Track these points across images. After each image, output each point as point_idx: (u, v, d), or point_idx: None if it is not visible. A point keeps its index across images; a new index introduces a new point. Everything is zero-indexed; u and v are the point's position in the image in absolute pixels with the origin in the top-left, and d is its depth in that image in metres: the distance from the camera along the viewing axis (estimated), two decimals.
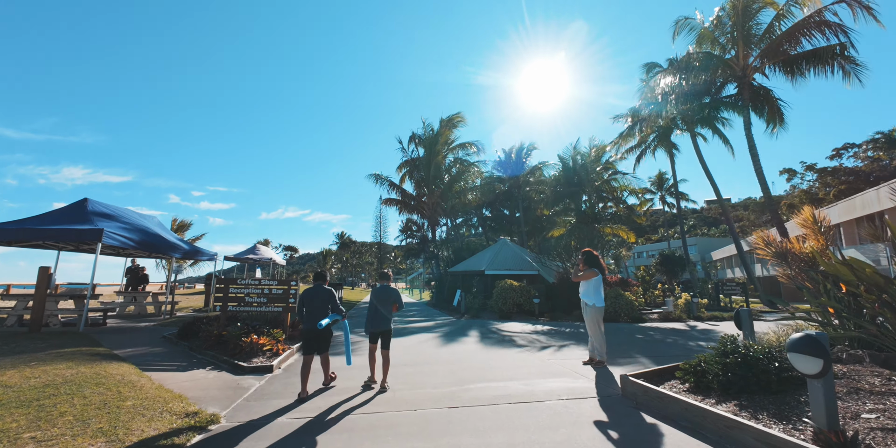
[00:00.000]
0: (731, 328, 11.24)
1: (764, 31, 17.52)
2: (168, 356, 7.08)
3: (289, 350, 7.32)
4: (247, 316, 8.92)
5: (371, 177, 30.06)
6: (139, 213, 13.70)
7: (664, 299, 17.45)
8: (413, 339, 9.69)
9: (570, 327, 11.76)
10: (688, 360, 4.80)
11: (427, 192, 29.65)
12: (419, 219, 32.35)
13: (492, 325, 12.57)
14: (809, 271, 7.08)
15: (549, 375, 5.70)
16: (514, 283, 16.26)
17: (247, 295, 8.56)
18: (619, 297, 14.14)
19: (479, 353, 7.52)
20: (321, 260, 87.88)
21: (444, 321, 14.03)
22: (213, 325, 8.09)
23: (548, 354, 7.38)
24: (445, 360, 6.88)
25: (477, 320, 14.07)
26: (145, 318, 12.73)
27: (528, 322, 13.39)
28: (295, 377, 5.74)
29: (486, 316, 15.32)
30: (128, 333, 9.51)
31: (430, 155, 29.33)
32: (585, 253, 6.68)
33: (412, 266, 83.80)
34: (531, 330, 11.13)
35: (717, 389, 4.19)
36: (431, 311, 19.19)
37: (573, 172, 23.10)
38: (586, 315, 6.34)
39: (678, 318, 13.75)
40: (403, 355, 7.39)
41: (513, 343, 8.71)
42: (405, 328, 12.00)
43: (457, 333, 10.52)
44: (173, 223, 26.29)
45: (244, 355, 6.71)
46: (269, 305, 8.58)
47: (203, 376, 5.69)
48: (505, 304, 15.87)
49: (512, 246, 22.35)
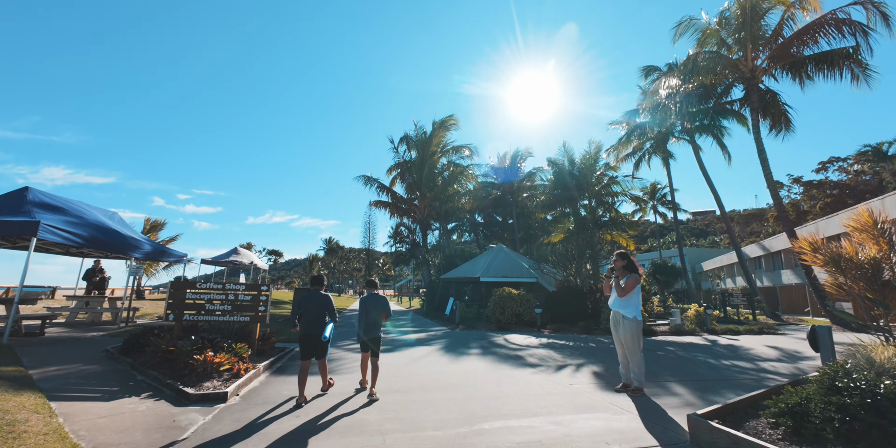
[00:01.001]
0: (754, 343, 10.20)
1: (773, 32, 16.93)
2: (99, 378, 5.68)
3: (253, 370, 5.97)
4: (208, 326, 7.53)
5: (360, 178, 28.79)
6: (97, 207, 12.20)
7: (669, 310, 16.41)
8: (406, 354, 8.39)
9: (578, 341, 10.58)
10: (755, 390, 3.67)
11: (419, 195, 28.48)
12: (410, 223, 31.10)
13: (491, 337, 11.32)
14: (870, 280, 6.00)
15: (582, 408, 4.48)
16: (512, 292, 15.08)
17: (208, 301, 7.19)
18: None
19: (487, 375, 6.27)
20: (307, 265, 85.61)
21: (438, 332, 12.74)
22: (164, 339, 6.69)
23: (567, 376, 6.17)
24: (446, 385, 5.62)
25: (474, 331, 12.81)
26: (98, 327, 11.17)
27: (530, 334, 12.18)
28: (256, 408, 4.47)
29: (483, 326, 14.07)
30: (65, 346, 8.02)
31: (423, 157, 28.23)
32: (622, 255, 5.54)
33: (401, 273, 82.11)
34: (537, 343, 9.91)
35: (832, 440, 3.04)
36: (423, 320, 17.86)
37: (569, 176, 22.18)
38: (623, 330, 5.17)
39: (691, 331, 12.68)
40: (394, 377, 6.10)
41: (522, 361, 7.48)
42: (396, 340, 10.68)
43: (455, 347, 9.25)
44: (146, 223, 24.45)
45: (194, 377, 5.35)
46: (234, 314, 7.22)
47: (131, 409, 4.34)
48: (503, 313, 14.64)
49: (508, 252, 21.22)
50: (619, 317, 5.25)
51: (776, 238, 33.10)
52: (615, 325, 5.33)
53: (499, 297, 15.00)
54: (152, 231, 25.63)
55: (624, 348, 5.26)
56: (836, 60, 15.83)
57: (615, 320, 5.33)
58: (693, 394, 5.13)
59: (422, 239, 29.91)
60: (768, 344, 9.96)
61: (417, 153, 29.14)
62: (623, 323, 5.17)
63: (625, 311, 5.20)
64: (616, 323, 5.30)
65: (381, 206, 29.96)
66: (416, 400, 4.83)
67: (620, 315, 5.22)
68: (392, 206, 29.60)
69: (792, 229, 16.02)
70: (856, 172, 54.43)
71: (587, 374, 6.36)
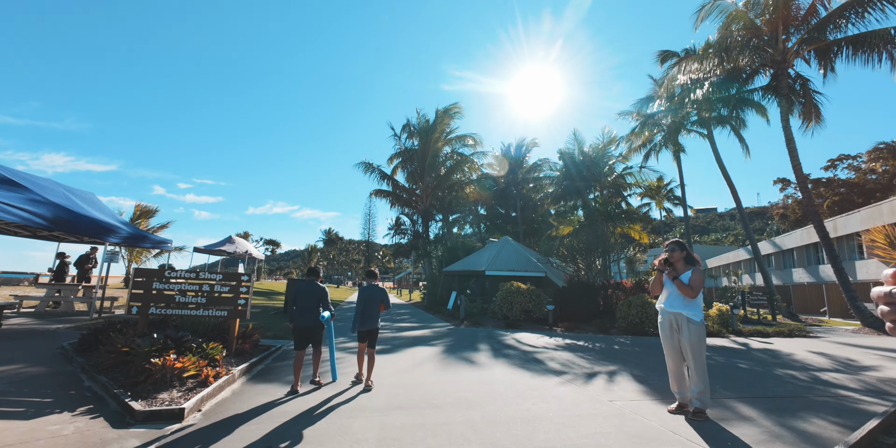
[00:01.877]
0: (792, 348, 9.22)
1: (806, 11, 15.68)
2: (37, 383, 4.67)
3: (226, 376, 4.96)
4: (181, 322, 6.52)
5: (360, 165, 27.61)
6: (73, 188, 11.16)
7: None
8: (407, 355, 7.40)
9: (597, 341, 9.59)
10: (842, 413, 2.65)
11: (421, 185, 27.38)
12: (411, 212, 30.04)
13: (500, 335, 10.33)
14: None
15: (639, 440, 3.47)
16: (521, 286, 14.08)
17: (179, 293, 6.17)
18: (648, 304, 12.06)
19: (508, 386, 5.26)
20: (306, 256, 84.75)
21: (442, 329, 11.76)
22: (125, 335, 5.68)
23: (603, 388, 5.16)
24: (460, 399, 4.61)
25: (480, 329, 11.82)
26: (69, 318, 10.19)
27: (541, 333, 11.19)
28: (217, 431, 3.47)
29: (489, 323, 13.09)
30: (19, 340, 7.01)
31: (426, 145, 27.07)
32: (679, 244, 4.49)
33: (400, 265, 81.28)
34: (553, 344, 8.92)
35: None
36: (424, 314, 16.89)
37: (580, 166, 21.05)
38: (688, 336, 4.12)
39: (716, 332, 11.69)
40: (396, 387, 5.10)
41: (543, 366, 6.47)
42: (396, 337, 9.69)
43: (463, 347, 8.25)
44: (136, 209, 23.28)
45: (150, 386, 4.34)
46: (210, 308, 6.20)
47: (53, 432, 3.32)
48: (511, 309, 13.66)
49: (514, 245, 20.19)
50: (680, 320, 4.20)
51: (789, 236, 32.05)
52: (672, 330, 4.30)
53: (506, 292, 14.01)
54: (143, 217, 24.56)
55: (684, 360, 4.23)
56: (875, 43, 14.62)
57: (672, 324, 4.29)
58: (768, 417, 4.12)
59: (423, 230, 28.86)
60: (810, 349, 8.97)
61: (420, 141, 27.99)
62: (688, 328, 4.13)
63: (690, 312, 4.15)
64: (675, 327, 4.26)
65: (382, 196, 28.89)
66: (425, 423, 3.81)
67: (684, 318, 4.18)
68: (393, 196, 28.52)
69: (822, 224, 14.97)
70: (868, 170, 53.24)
71: (625, 385, 5.36)
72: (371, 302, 5.30)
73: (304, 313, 4.98)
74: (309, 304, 5.02)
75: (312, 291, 5.08)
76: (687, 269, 4.32)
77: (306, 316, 4.97)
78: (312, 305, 5.04)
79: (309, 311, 5.00)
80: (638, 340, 10.09)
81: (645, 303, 12.12)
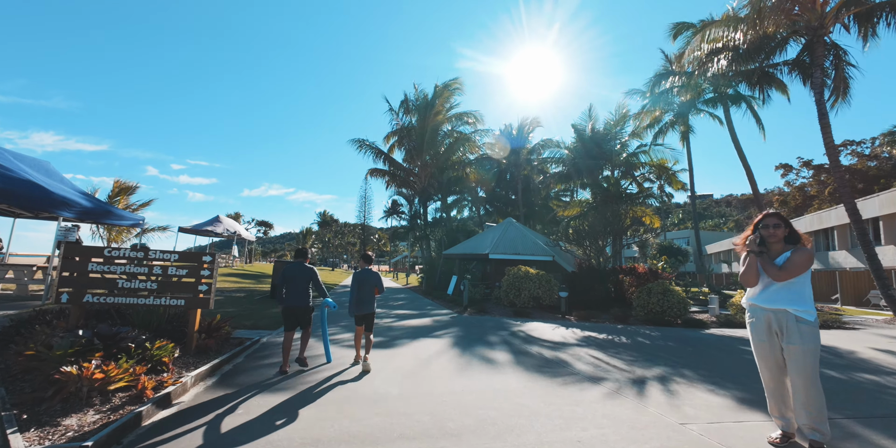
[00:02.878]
0: (841, 342, 8.19)
1: None
2: None
3: (173, 386, 3.76)
4: (132, 313, 5.29)
5: (354, 143, 25.98)
6: (23, 155, 9.76)
7: (708, 296, 14.42)
8: (408, 351, 6.25)
9: (620, 334, 8.52)
10: None
11: (419, 163, 25.92)
12: (409, 193, 28.69)
13: (511, 326, 9.23)
14: None
15: None
16: (530, 271, 12.95)
17: (123, 277, 4.93)
18: (669, 292, 10.99)
19: (540, 400, 4.10)
20: (301, 239, 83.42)
21: (444, 317, 10.65)
22: (52, 330, 4.45)
23: (664, 404, 4.02)
24: (482, 423, 3.44)
25: (486, 317, 10.71)
26: (19, 303, 8.93)
27: (554, 322, 10.11)
28: None
29: (495, 310, 11.99)
30: None
31: (425, 120, 25.46)
32: (779, 216, 3.29)
33: (396, 248, 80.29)
34: (573, 338, 7.81)
35: None
36: (423, 300, 15.81)
37: (593, 143, 19.69)
38: (798, 341, 2.94)
39: (744, 322, 10.66)
40: (397, 401, 3.93)
41: (572, 370, 5.34)
42: (395, 327, 8.55)
43: (471, 343, 7.12)
44: (114, 186, 21.65)
45: (57, 404, 3.14)
46: (163, 296, 4.97)
47: None
48: (518, 296, 12.56)
49: (519, 227, 19.00)
50: (785, 320, 3.02)
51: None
52: (771, 333, 3.13)
53: (514, 277, 12.88)
54: (122, 195, 23.03)
55: (786, 373, 3.09)
56: None
57: (772, 326, 3.12)
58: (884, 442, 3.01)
59: (422, 211, 27.58)
60: (870, 345, 7.93)
61: (418, 116, 26.35)
62: (798, 330, 2.95)
63: (800, 309, 2.98)
64: (777, 328, 3.09)
65: (378, 175, 27.41)
66: None
67: (790, 317, 2.99)
68: (390, 175, 27.05)
69: (855, 207, 13.87)
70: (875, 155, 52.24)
71: (687, 397, 4.23)
72: (365, 286, 5.29)
73: (293, 295, 4.92)
74: (298, 286, 4.95)
75: (301, 273, 5.00)
76: (787, 249, 3.13)
77: (295, 297, 4.92)
78: (302, 287, 4.98)
79: (298, 292, 4.94)
80: (666, 332, 9.04)
81: (666, 290, 11.05)
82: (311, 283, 5.07)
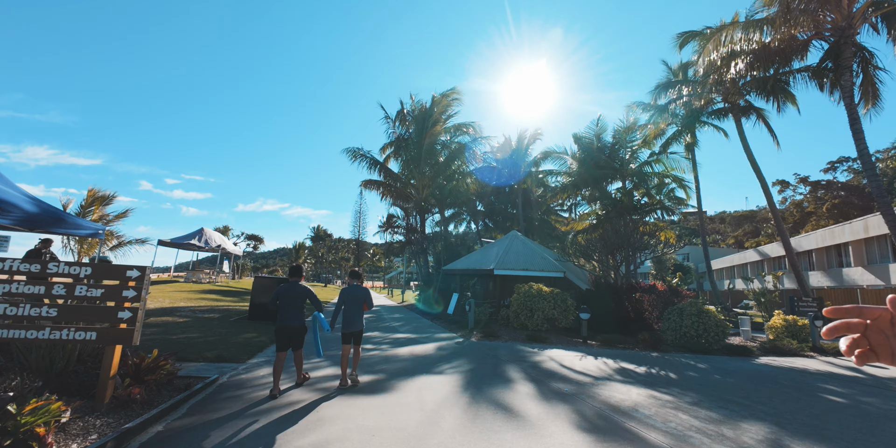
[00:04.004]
0: None
1: None
2: None
3: None
4: (28, 349, 3.80)
5: (347, 152, 24.75)
6: None
7: (738, 317, 13.02)
8: (410, 396, 4.77)
9: (664, 366, 7.09)
10: None
11: (417, 174, 24.72)
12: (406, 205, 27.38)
13: (528, 354, 7.76)
14: None
15: None
16: (543, 289, 11.54)
17: (5, 299, 3.48)
18: (704, 314, 9.63)
19: None
20: (294, 254, 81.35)
21: (448, 342, 9.14)
22: None
23: None
24: None
25: (498, 343, 9.21)
26: None
27: (579, 349, 8.65)
28: None
29: (505, 334, 10.50)
30: None
31: (423, 129, 24.45)
32: None
33: (391, 264, 78.47)
34: (610, 371, 6.36)
35: None
36: (421, 320, 14.26)
37: (601, 153, 18.61)
38: None
39: (793, 349, 9.26)
40: None
41: (640, 434, 3.90)
42: (390, 358, 7.05)
43: (488, 380, 5.65)
44: (89, 194, 19.92)
45: None
46: (65, 328, 3.52)
47: None
48: (530, 317, 11.11)
49: (525, 240, 17.66)
50: None
51: (806, 237, 30.12)
52: None
53: (525, 296, 11.46)
54: (96, 204, 21.48)
55: None
56: None
57: None
58: None
59: (420, 222, 26.21)
60: None
61: (416, 127, 25.35)
62: None
63: None
64: None
65: (373, 187, 26.10)
66: None
67: None
68: (385, 187, 25.75)
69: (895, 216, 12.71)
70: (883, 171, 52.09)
71: None
72: (354, 302, 5.26)
73: (288, 314, 4.81)
74: (292, 305, 4.85)
75: (295, 292, 4.93)
76: None
77: (289, 317, 4.81)
78: (297, 305, 4.89)
79: (293, 312, 4.83)
80: (712, 363, 7.64)
81: (701, 311, 9.68)
82: (304, 302, 4.98)
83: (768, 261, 36.66)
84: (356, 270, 5.64)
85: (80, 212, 17.57)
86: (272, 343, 7.99)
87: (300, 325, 4.84)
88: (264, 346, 7.46)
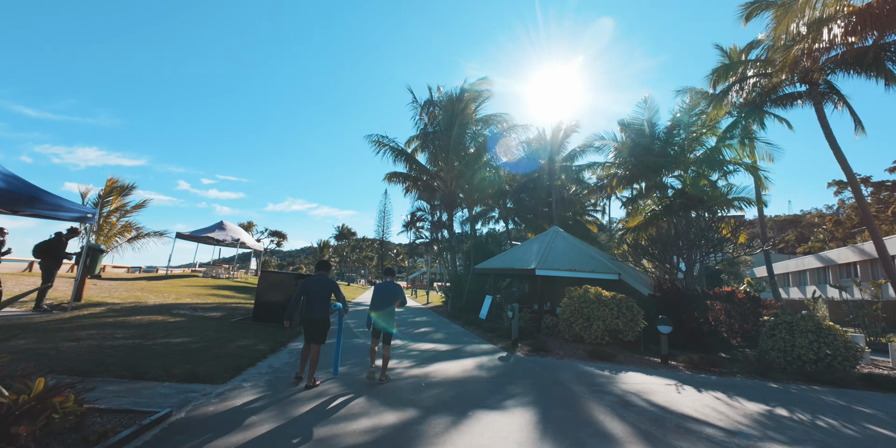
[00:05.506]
0: None
1: None
2: None
3: None
4: None
5: (371, 141, 23.19)
6: None
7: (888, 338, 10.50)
8: None
9: (806, 407, 4.98)
10: None
11: (445, 166, 22.96)
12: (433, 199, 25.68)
13: (600, 379, 5.77)
14: None
15: None
16: (603, 293, 9.47)
17: None
18: (826, 331, 7.36)
19: None
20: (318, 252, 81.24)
21: (489, 356, 7.24)
22: None
23: None
24: None
25: (552, 360, 7.21)
26: None
27: (662, 374, 6.57)
28: None
29: (557, 347, 8.49)
30: None
31: (452, 117, 22.67)
32: None
33: (415, 264, 77.20)
34: (739, 417, 4.33)
35: None
36: (451, 326, 12.40)
37: (655, 139, 16.29)
38: None
39: None
40: None
41: None
42: (420, 383, 5.22)
43: (568, 430, 3.75)
44: (108, 183, 18.91)
45: None
46: None
47: None
48: (588, 328, 9.06)
49: (567, 237, 15.54)
50: None
51: (890, 239, 26.43)
52: None
53: (579, 302, 9.42)
54: (115, 194, 20.76)
55: None
56: None
57: None
58: None
59: (447, 217, 24.41)
60: None
61: (444, 115, 23.60)
62: None
63: None
64: None
65: (398, 180, 24.50)
66: None
67: None
68: (410, 179, 24.11)
69: None
70: None
71: None
72: (387, 299, 5.23)
73: (314, 307, 4.82)
74: (318, 298, 4.83)
75: (320, 283, 4.92)
76: None
77: (316, 309, 4.81)
78: (323, 298, 4.85)
79: (318, 304, 4.82)
80: (871, 403, 5.45)
81: (821, 328, 7.42)
82: (331, 296, 4.96)
83: (833, 267, 32.78)
84: (390, 267, 5.63)
85: (98, 202, 16.53)
86: (271, 353, 6.40)
87: (325, 317, 4.83)
88: (257, 360, 5.79)
